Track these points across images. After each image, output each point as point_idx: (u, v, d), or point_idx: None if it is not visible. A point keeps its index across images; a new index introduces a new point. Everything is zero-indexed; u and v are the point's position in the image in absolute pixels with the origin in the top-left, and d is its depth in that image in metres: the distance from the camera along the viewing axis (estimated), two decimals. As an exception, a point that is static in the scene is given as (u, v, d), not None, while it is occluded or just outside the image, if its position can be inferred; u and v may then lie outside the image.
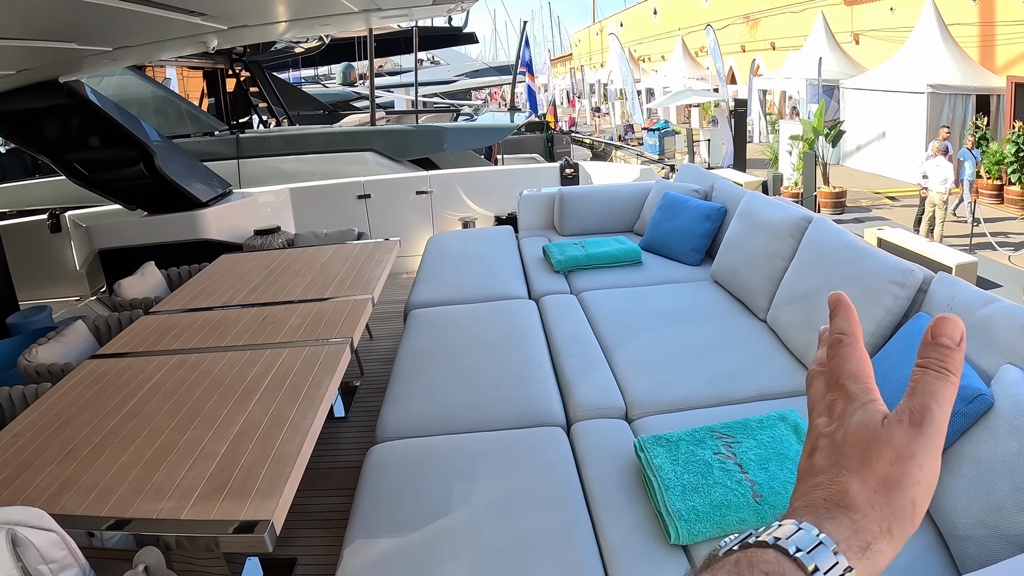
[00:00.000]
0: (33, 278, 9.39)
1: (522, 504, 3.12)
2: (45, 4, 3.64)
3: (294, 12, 5.95)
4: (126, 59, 8.02)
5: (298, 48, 21.40)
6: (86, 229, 8.56)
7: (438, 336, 5.05)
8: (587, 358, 4.51)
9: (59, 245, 9.97)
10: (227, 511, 2.72)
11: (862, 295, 3.83)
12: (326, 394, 3.59)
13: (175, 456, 3.14)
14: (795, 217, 4.87)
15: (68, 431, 3.49)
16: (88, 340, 5.21)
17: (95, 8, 3.88)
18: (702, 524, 2.72)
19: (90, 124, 7.92)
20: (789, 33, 34.06)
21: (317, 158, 13.64)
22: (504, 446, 3.60)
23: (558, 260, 6.24)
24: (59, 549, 2.53)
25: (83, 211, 9.77)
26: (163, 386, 3.89)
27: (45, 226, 9.93)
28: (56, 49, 5.29)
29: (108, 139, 7.98)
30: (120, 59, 7.46)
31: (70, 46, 5.29)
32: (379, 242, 6.58)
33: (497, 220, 10.11)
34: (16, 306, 7.78)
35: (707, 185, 6.84)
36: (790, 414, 3.32)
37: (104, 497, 2.89)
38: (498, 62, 50.66)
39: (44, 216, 10.00)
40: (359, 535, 3.03)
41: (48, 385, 4.12)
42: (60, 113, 7.82)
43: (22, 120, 7.82)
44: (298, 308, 4.99)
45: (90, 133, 8.01)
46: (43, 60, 5.96)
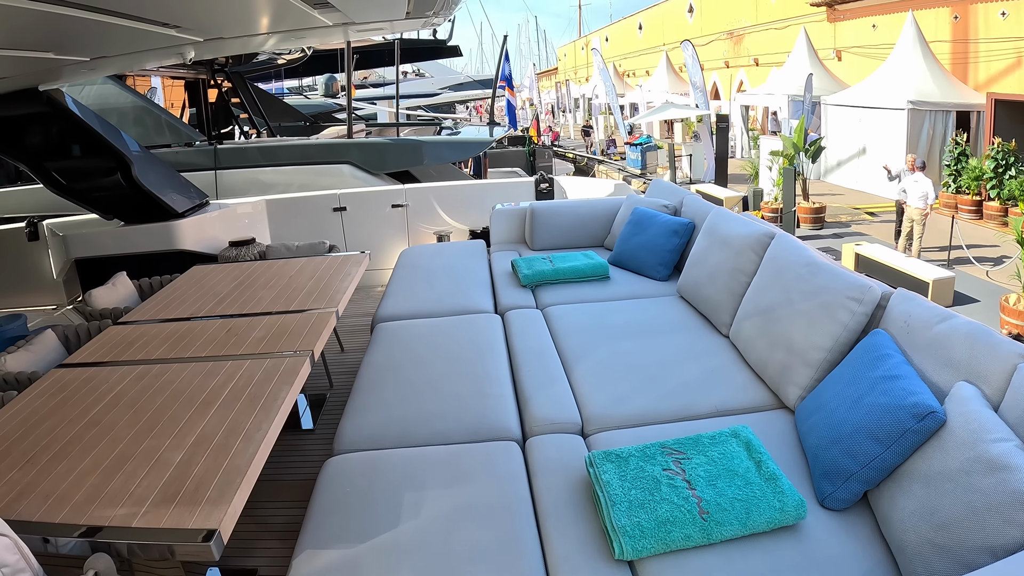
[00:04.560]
0: (10, 286, 9.37)
1: (470, 516, 3.12)
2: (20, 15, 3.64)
3: (269, 25, 5.95)
4: (104, 69, 8.02)
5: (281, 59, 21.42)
6: (63, 238, 8.55)
7: (402, 349, 5.04)
8: (546, 373, 4.51)
9: (36, 253, 9.93)
10: (177, 519, 2.75)
11: (819, 310, 3.87)
12: (282, 405, 3.62)
13: (131, 464, 3.18)
14: (758, 233, 4.89)
15: (30, 439, 3.51)
16: (57, 349, 5.21)
17: (69, 19, 3.90)
18: (647, 540, 2.72)
19: (69, 133, 7.92)
20: (772, 49, 34.33)
21: (294, 170, 13.67)
22: (458, 459, 3.60)
23: (525, 275, 6.25)
24: (12, 553, 2.55)
25: (61, 219, 9.74)
26: (125, 396, 3.92)
27: (23, 234, 9.89)
28: (33, 59, 5.30)
29: (86, 148, 7.98)
30: (98, 68, 7.46)
31: (47, 55, 5.30)
32: (349, 255, 6.59)
33: (472, 234, 10.13)
34: None
35: (677, 200, 6.86)
36: (743, 430, 3.31)
37: (60, 504, 2.92)
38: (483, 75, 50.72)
39: (22, 224, 9.98)
40: (308, 546, 3.04)
41: (14, 394, 4.14)
42: (39, 121, 7.82)
43: (1, 127, 7.82)
44: (263, 320, 5.00)
45: (68, 142, 8.01)
46: (21, 69, 5.97)
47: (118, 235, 8.40)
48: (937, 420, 2.77)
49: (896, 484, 2.85)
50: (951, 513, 2.52)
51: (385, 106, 30.02)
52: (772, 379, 4.10)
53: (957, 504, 2.51)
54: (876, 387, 3.09)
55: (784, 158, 18.93)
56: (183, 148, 14.53)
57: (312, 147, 14.68)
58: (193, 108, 18.73)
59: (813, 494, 3.12)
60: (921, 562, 2.56)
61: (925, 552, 2.56)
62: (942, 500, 2.57)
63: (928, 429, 2.78)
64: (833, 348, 3.76)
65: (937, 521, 2.55)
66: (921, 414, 2.80)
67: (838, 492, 3.02)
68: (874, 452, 2.90)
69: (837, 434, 3.12)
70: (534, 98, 49.66)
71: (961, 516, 2.48)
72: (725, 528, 2.78)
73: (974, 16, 22.05)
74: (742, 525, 2.79)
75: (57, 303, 10.01)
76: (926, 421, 2.78)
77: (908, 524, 2.67)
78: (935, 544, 2.53)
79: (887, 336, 3.45)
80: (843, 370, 3.54)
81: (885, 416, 2.91)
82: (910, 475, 2.80)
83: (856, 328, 3.74)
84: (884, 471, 2.90)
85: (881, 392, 3.03)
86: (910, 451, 2.83)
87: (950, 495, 2.55)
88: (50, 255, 9.72)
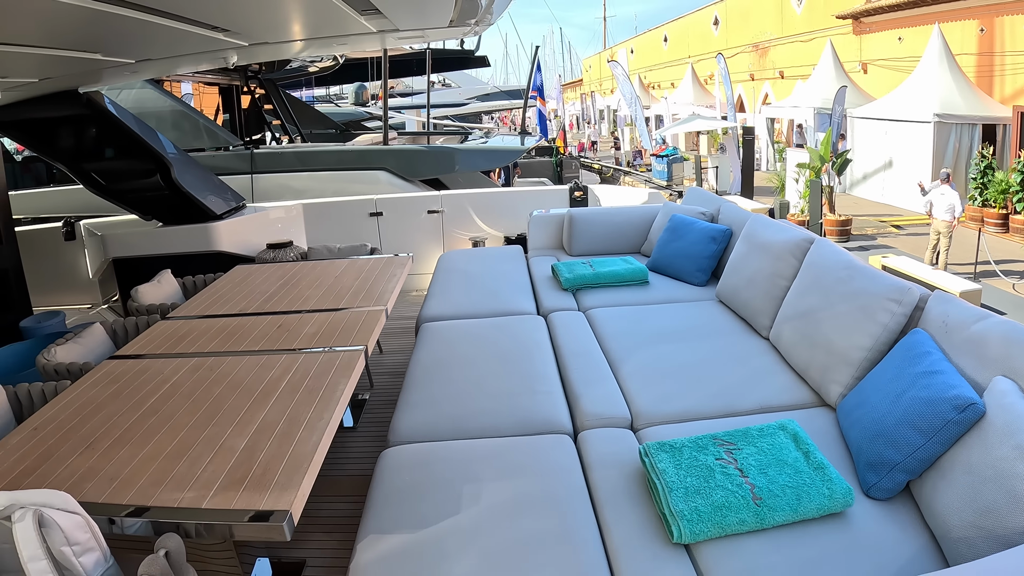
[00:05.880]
0: (46, 285, 9.44)
1: (529, 505, 3.21)
2: (73, 14, 3.73)
3: (313, 31, 6.06)
4: (146, 72, 8.13)
5: (312, 67, 21.51)
6: (101, 238, 8.65)
7: (449, 348, 5.14)
8: (594, 371, 4.62)
9: (73, 253, 10.06)
10: (247, 501, 2.82)
11: (859, 312, 3.97)
12: (342, 397, 3.71)
13: (195, 451, 3.25)
14: (797, 238, 5.00)
15: (88, 426, 3.59)
16: (105, 343, 5.32)
17: (122, 20, 3.99)
18: (703, 524, 2.84)
19: (108, 135, 8.04)
20: (798, 62, 34.27)
21: (330, 176, 13.76)
22: (512, 451, 3.69)
23: (567, 278, 6.36)
24: (83, 532, 2.61)
25: (98, 220, 9.86)
26: (181, 387, 4.01)
27: (59, 234, 10.02)
28: (80, 59, 5.40)
29: (126, 150, 8.10)
30: (140, 71, 7.57)
31: (94, 56, 5.39)
32: (393, 257, 6.70)
33: (507, 240, 10.20)
34: (30, 311, 7.89)
35: (713, 208, 6.96)
36: (790, 423, 3.43)
37: (125, 487, 2.99)
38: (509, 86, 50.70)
39: (59, 224, 10.10)
40: (371, 531, 3.12)
41: (67, 382, 4.23)
42: (79, 123, 7.94)
43: (41, 128, 7.94)
44: (313, 317, 5.11)
45: (108, 144, 8.13)
46: (66, 69, 6.06)
47: (156, 235, 8.52)
48: (977, 411, 2.89)
49: (939, 473, 2.96)
50: (993, 499, 2.63)
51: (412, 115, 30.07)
52: (814, 378, 4.20)
53: (999, 490, 2.62)
54: (917, 382, 3.19)
55: (811, 170, 18.97)
56: (220, 152, 14.66)
57: (348, 153, 14.76)
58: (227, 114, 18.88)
59: (857, 485, 3.22)
60: (967, 546, 2.68)
61: (970, 536, 2.67)
62: (984, 487, 2.69)
63: (969, 420, 2.90)
64: (873, 348, 3.86)
65: (980, 507, 2.66)
66: (962, 406, 2.91)
67: (883, 482, 3.13)
68: (917, 443, 3.01)
69: (881, 427, 3.23)
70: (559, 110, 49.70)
71: (1003, 501, 2.59)
72: (777, 514, 2.89)
73: (1000, 29, 22.05)
74: (793, 511, 2.91)
75: (92, 302, 10.13)
76: (967, 412, 2.90)
77: (952, 510, 2.79)
78: (980, 528, 2.64)
79: (926, 335, 3.55)
80: (884, 368, 3.65)
81: (927, 409, 3.02)
82: (952, 464, 2.91)
83: (895, 328, 3.84)
84: (927, 461, 3.01)
85: (922, 387, 3.14)
86: (951, 442, 2.95)
87: (992, 482, 2.67)
88: (86, 255, 9.83)
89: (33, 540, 2.50)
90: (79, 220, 10.12)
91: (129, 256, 8.48)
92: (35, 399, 4.22)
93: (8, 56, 4.89)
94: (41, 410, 3.84)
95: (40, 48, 4.72)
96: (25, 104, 7.65)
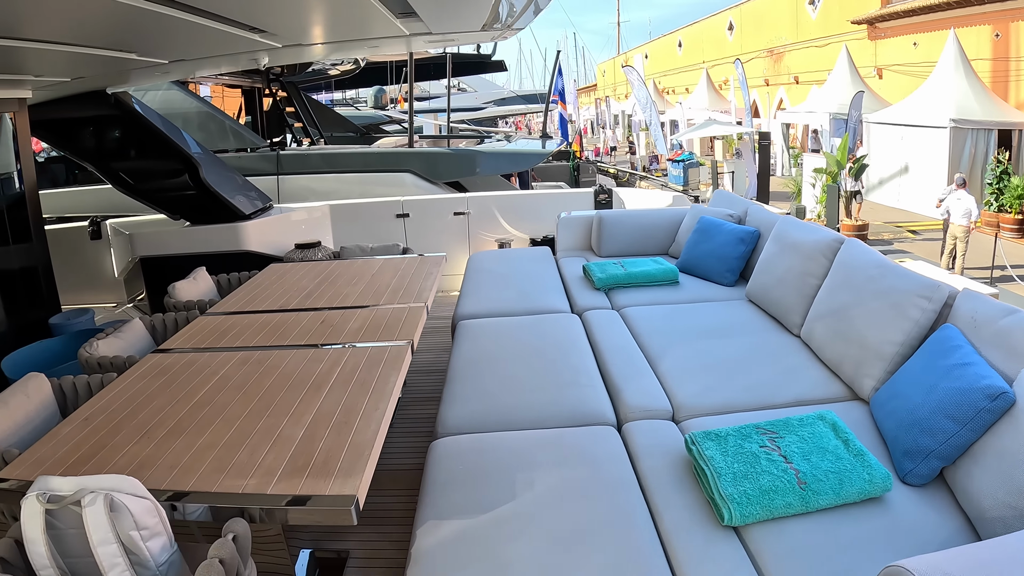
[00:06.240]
0: (70, 283, 9.45)
1: (582, 492, 3.34)
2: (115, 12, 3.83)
3: (347, 33, 6.17)
4: (176, 72, 8.23)
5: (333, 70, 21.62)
6: (129, 237, 8.75)
7: (488, 344, 5.27)
8: (633, 366, 4.75)
9: (98, 252, 10.16)
10: (312, 487, 2.90)
11: (891, 309, 4.11)
12: (394, 389, 3.81)
13: (253, 440, 3.34)
14: (828, 239, 5.13)
15: (140, 416, 3.68)
16: (145, 338, 5.42)
17: (162, 18, 4.09)
18: (752, 507, 2.98)
19: (137, 135, 8.15)
20: (813, 67, 34.23)
21: (355, 177, 13.84)
22: (560, 442, 3.81)
23: (599, 278, 6.49)
24: (151, 516, 2.68)
25: (125, 219, 9.96)
26: (231, 379, 4.11)
27: (85, 232, 10.11)
28: (115, 58, 5.49)
29: (154, 150, 8.21)
30: (171, 72, 7.67)
31: (129, 56, 5.48)
32: (427, 256, 6.81)
33: (532, 242, 10.29)
34: (58, 308, 7.99)
35: (740, 210, 7.07)
36: (828, 414, 3.59)
37: (186, 474, 3.07)
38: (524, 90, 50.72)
39: (84, 223, 10.21)
40: (429, 517, 3.24)
41: (113, 375, 4.30)
42: (108, 123, 8.06)
43: (70, 128, 8.05)
44: (354, 313, 5.22)
45: (136, 143, 8.24)
46: (99, 69, 6.15)
47: (184, 235, 8.63)
48: (1008, 400, 3.05)
49: (972, 459, 3.12)
50: (1026, 479, 2.80)
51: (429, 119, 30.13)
52: (847, 373, 4.33)
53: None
54: (950, 373, 3.35)
55: (828, 175, 19.03)
56: (246, 153, 14.78)
57: (373, 155, 14.87)
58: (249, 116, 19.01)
59: (894, 473, 3.36)
60: (1002, 524, 2.83)
61: (1005, 516, 2.83)
62: (1016, 470, 2.85)
63: (1000, 408, 3.05)
64: (904, 343, 4.00)
65: (1013, 487, 2.82)
66: (994, 395, 3.07)
67: (918, 468, 3.27)
68: (951, 430, 3.16)
69: (915, 417, 3.38)
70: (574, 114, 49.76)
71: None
72: (821, 497, 3.04)
73: (1015, 34, 22.10)
74: (836, 495, 3.06)
75: (117, 301, 10.23)
76: (998, 401, 3.06)
77: (986, 492, 2.95)
78: (1013, 507, 2.80)
79: (956, 330, 3.69)
80: (916, 361, 3.80)
81: (960, 398, 3.17)
82: (984, 450, 3.08)
83: (926, 324, 3.98)
84: (960, 448, 3.16)
85: (955, 377, 3.29)
86: (984, 429, 3.10)
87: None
88: (112, 254, 9.93)
89: (104, 524, 2.56)
90: (105, 219, 10.25)
91: (157, 255, 8.59)
92: (80, 391, 4.31)
93: (43, 54, 4.98)
94: (90, 401, 3.93)
95: (76, 47, 4.81)
96: (53, 104, 7.76)
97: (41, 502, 2.62)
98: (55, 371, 4.38)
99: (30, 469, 3.21)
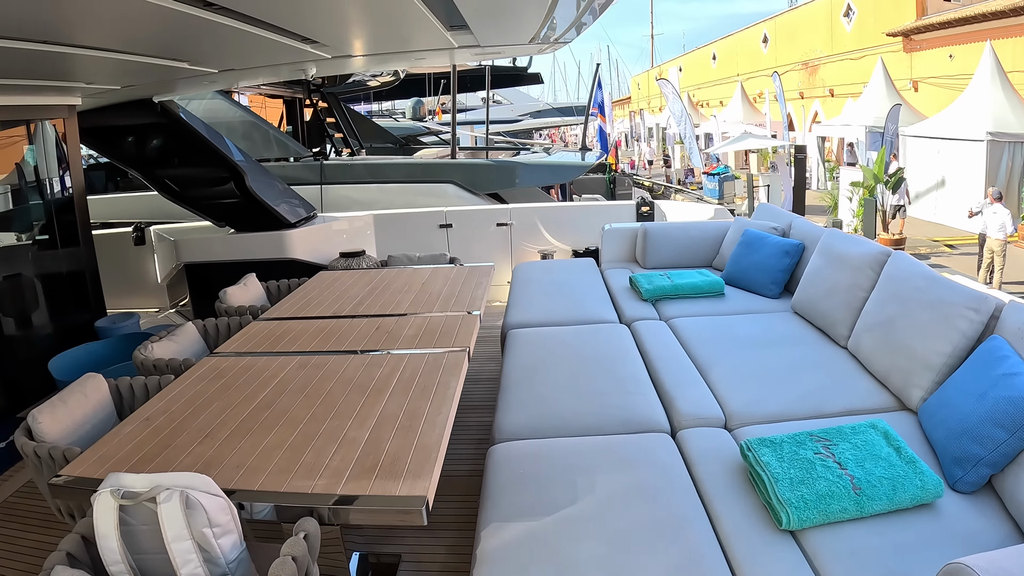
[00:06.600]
0: (115, 289, 9.55)
1: (641, 496, 3.43)
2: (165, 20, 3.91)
3: (397, 45, 6.24)
4: (223, 82, 8.38)
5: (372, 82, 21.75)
6: (174, 243, 8.89)
7: (539, 353, 5.38)
8: (684, 375, 4.85)
9: (141, 258, 10.30)
10: (381, 488, 3.00)
11: (939, 321, 4.19)
12: (455, 394, 3.91)
13: (318, 442, 3.44)
14: (875, 252, 5.21)
15: (202, 417, 3.79)
16: (198, 341, 5.56)
17: (215, 27, 4.19)
18: (809, 511, 3.08)
19: (183, 143, 8.28)
20: (848, 80, 34.09)
21: (398, 188, 13.95)
22: (617, 448, 3.92)
23: (646, 289, 6.59)
24: (224, 514, 2.78)
25: (169, 226, 10.10)
26: (290, 382, 4.23)
27: (129, 238, 10.26)
28: (166, 67, 5.62)
29: (200, 158, 8.33)
30: (218, 81, 7.81)
31: (181, 65, 5.61)
32: (476, 266, 6.93)
33: (574, 253, 10.34)
34: (104, 312, 8.12)
35: (784, 223, 7.14)
36: (879, 423, 3.68)
37: (253, 474, 3.18)
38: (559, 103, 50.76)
39: (127, 229, 10.36)
40: (492, 519, 3.33)
41: (171, 377, 4.42)
42: (154, 130, 8.19)
43: (117, 135, 8.20)
44: (408, 320, 5.36)
45: (182, 151, 8.37)
46: (148, 77, 6.28)
47: (229, 242, 8.74)
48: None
49: (1021, 467, 3.21)
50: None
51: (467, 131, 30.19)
52: (895, 383, 4.41)
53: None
54: (999, 383, 3.42)
55: (864, 189, 19.00)
56: (289, 163, 14.92)
57: (416, 166, 15.00)
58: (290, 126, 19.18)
59: (943, 480, 3.42)
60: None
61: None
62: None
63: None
64: (952, 354, 4.07)
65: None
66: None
67: (968, 476, 3.36)
68: (1001, 438, 3.25)
69: (965, 425, 3.47)
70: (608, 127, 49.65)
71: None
72: (875, 503, 3.14)
73: (1053, 46, 21.98)
74: (889, 501, 3.15)
75: (160, 306, 10.36)
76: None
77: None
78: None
79: (1004, 341, 3.77)
80: (964, 372, 3.88)
81: (1010, 407, 3.25)
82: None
83: (973, 335, 4.05)
84: (1009, 456, 3.25)
85: (1004, 387, 3.37)
86: (1032, 437, 3.19)
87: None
88: (155, 260, 10.06)
89: (179, 520, 2.65)
90: (149, 226, 10.39)
91: (201, 261, 8.73)
92: (136, 392, 4.42)
93: (96, 62, 5.10)
94: (150, 401, 4.04)
95: (128, 55, 4.92)
96: (101, 112, 7.90)
97: (115, 498, 2.70)
98: (106, 372, 4.48)
99: (93, 467, 3.31)
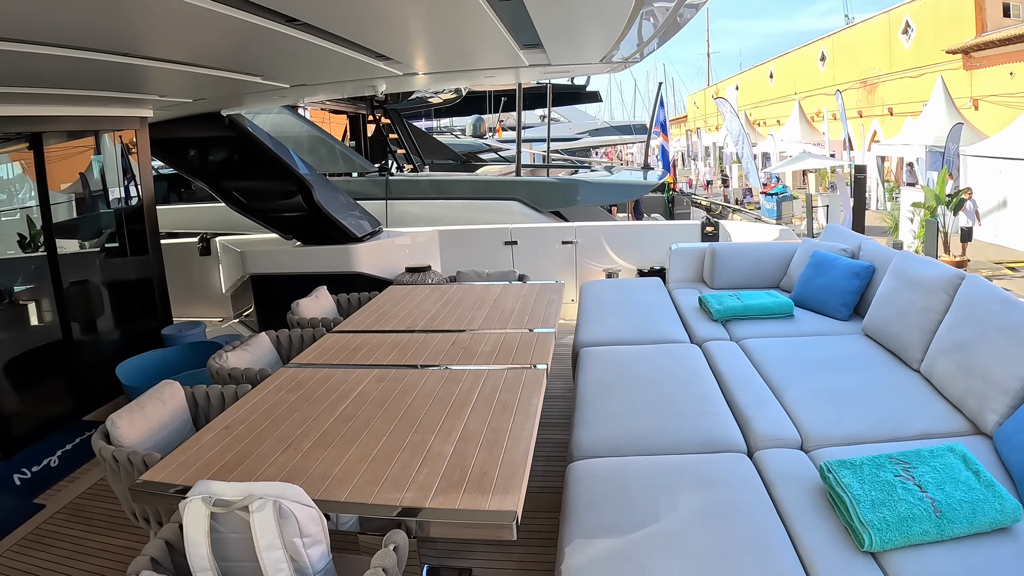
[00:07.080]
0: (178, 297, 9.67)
1: (722, 515, 3.49)
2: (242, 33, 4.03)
3: (469, 63, 6.36)
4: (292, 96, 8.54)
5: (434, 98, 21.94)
6: (240, 254, 9.04)
7: (613, 371, 5.44)
8: (758, 396, 4.91)
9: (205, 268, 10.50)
10: (471, 503, 3.07)
11: (1016, 344, 4.21)
12: (536, 411, 3.99)
13: (403, 455, 3.53)
14: (949, 275, 5.22)
15: (283, 428, 3.90)
16: (271, 352, 5.70)
17: (291, 42, 4.31)
18: (891, 533, 3.13)
19: (251, 156, 8.47)
20: (907, 98, 33.75)
21: (462, 204, 14.07)
22: (696, 467, 3.97)
23: (717, 310, 6.63)
24: (315, 525, 2.86)
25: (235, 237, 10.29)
26: (370, 395, 4.33)
27: (194, 248, 10.47)
28: (239, 80, 5.77)
29: (267, 171, 8.51)
30: (287, 96, 7.95)
31: (254, 79, 5.75)
32: (547, 284, 7.04)
33: (639, 272, 10.40)
34: (170, 319, 8.28)
35: (853, 245, 7.15)
36: (957, 447, 3.72)
37: (338, 485, 3.27)
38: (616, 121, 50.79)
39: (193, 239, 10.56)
40: (575, 536, 3.39)
41: (248, 386, 4.55)
42: (223, 143, 8.40)
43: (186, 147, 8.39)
44: (484, 336, 5.47)
45: (250, 164, 8.56)
46: (220, 91, 6.44)
47: (295, 254, 8.89)
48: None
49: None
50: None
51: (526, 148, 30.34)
52: (970, 408, 4.42)
53: None
54: (1079, 408, 3.44)
55: (926, 210, 18.87)
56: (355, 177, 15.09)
57: (481, 183, 15.14)
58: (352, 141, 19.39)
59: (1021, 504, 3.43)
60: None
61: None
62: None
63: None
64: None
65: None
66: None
67: (1047, 501, 3.39)
68: (1081, 464, 3.26)
69: (1044, 451, 3.48)
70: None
71: None
72: (956, 526, 3.18)
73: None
74: (969, 524, 3.19)
75: (223, 316, 10.54)
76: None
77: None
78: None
79: (1081, 365, 3.79)
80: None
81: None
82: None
83: (1051, 360, 4.08)
84: (1091, 482, 3.26)
85: (1083, 413, 3.39)
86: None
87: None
88: (220, 270, 10.25)
89: (272, 529, 2.75)
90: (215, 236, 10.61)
91: (267, 273, 8.87)
92: (212, 400, 4.55)
93: (169, 74, 5.25)
94: (229, 410, 4.17)
95: (202, 68, 5.08)
96: (170, 124, 8.10)
97: (207, 505, 2.79)
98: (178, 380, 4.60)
99: (174, 473, 3.43)
